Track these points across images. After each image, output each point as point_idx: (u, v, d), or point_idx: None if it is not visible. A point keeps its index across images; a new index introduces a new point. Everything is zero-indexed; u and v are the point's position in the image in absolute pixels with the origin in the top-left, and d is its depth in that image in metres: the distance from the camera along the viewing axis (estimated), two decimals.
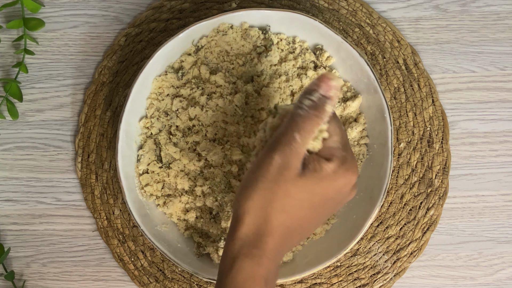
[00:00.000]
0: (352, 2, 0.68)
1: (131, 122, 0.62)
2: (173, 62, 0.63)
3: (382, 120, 0.61)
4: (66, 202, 0.67)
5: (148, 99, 0.63)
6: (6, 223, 0.67)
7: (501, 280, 0.66)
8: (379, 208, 0.59)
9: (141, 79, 0.60)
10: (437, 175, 0.66)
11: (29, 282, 0.66)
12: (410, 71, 0.67)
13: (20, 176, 0.67)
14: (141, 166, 0.62)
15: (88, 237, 0.67)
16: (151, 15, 0.68)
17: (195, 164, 0.62)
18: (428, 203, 0.66)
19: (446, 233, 0.67)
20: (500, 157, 0.67)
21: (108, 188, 0.66)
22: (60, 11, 0.69)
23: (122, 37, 0.68)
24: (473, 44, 0.68)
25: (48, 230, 0.67)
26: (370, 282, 0.65)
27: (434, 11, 0.69)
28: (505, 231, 0.67)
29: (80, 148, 0.67)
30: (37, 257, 0.67)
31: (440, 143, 0.66)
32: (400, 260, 0.65)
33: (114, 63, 0.68)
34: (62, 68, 0.68)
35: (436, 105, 0.67)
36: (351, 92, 0.64)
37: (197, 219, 0.63)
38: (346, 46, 0.61)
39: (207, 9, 0.68)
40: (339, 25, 0.68)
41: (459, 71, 0.68)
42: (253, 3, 0.68)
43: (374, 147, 0.62)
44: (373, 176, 0.61)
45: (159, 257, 0.66)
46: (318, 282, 0.65)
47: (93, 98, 0.67)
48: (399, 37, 0.68)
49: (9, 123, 0.68)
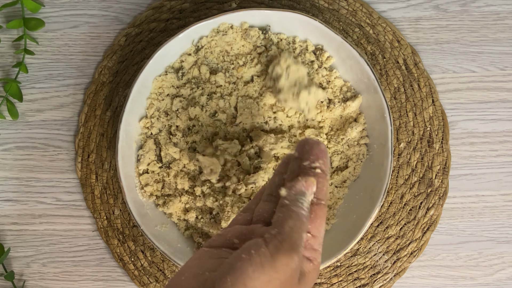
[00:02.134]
0: (352, 2, 0.68)
1: (131, 122, 0.62)
2: (173, 62, 0.63)
3: (382, 120, 0.61)
4: (66, 202, 0.67)
5: (148, 99, 0.63)
6: (6, 223, 0.67)
7: (501, 280, 0.66)
8: (379, 208, 0.59)
9: (141, 79, 0.60)
10: (437, 175, 0.66)
11: (29, 282, 0.66)
12: (410, 71, 0.67)
13: (20, 176, 0.67)
14: (141, 166, 0.62)
15: (88, 237, 0.67)
16: (151, 15, 0.68)
17: (195, 164, 0.62)
18: (428, 203, 0.66)
19: (446, 233, 0.67)
20: (500, 157, 0.67)
21: (108, 188, 0.66)
22: (60, 11, 0.69)
23: (122, 37, 0.68)
24: (473, 44, 0.68)
25: (48, 230, 0.67)
26: (370, 282, 0.65)
27: (434, 11, 0.69)
28: (505, 231, 0.67)
29: (80, 148, 0.67)
30: (37, 257, 0.67)
31: (440, 143, 0.66)
32: (400, 260, 0.65)
33: (114, 63, 0.68)
34: (62, 68, 0.68)
35: (436, 105, 0.67)
36: (351, 92, 0.64)
37: (197, 219, 0.63)
38: (346, 46, 0.61)
39: (207, 9, 0.68)
40: (339, 25, 0.68)
41: (459, 71, 0.68)
42: (253, 3, 0.68)
43: (374, 147, 0.62)
44: (373, 176, 0.61)
45: (159, 257, 0.66)
46: (318, 282, 0.65)
47: (93, 98, 0.67)
48: (399, 37, 0.68)
49: (9, 123, 0.68)
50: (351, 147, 0.63)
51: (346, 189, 0.63)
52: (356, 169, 0.63)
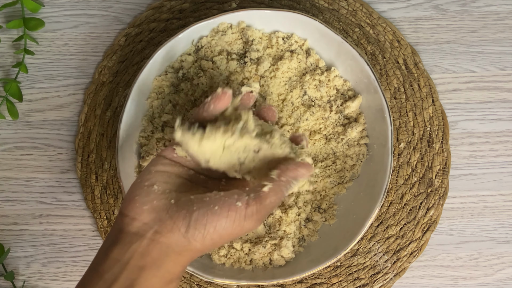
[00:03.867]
0: (352, 2, 0.68)
1: (131, 122, 0.62)
2: (173, 62, 0.63)
3: (382, 120, 0.61)
4: (66, 202, 0.67)
5: (148, 99, 0.63)
6: (6, 223, 0.67)
7: (501, 280, 0.66)
8: (379, 208, 0.59)
9: (141, 79, 0.60)
10: (437, 175, 0.66)
11: (29, 282, 0.66)
12: (410, 71, 0.67)
13: (20, 176, 0.67)
14: (144, 163, 0.62)
15: (88, 237, 0.67)
16: (151, 15, 0.68)
17: None
18: (428, 203, 0.66)
19: (446, 233, 0.67)
20: (500, 157, 0.67)
21: (108, 188, 0.66)
22: (60, 11, 0.69)
23: (122, 37, 0.68)
24: (473, 44, 0.68)
25: (48, 230, 0.67)
26: (370, 282, 0.65)
27: (434, 11, 0.69)
28: (505, 231, 0.67)
29: (80, 148, 0.67)
30: (37, 257, 0.67)
31: (440, 143, 0.66)
32: (400, 260, 0.65)
33: (114, 63, 0.68)
34: (62, 68, 0.68)
35: (436, 105, 0.67)
36: (351, 92, 0.64)
37: None
38: (346, 46, 0.61)
39: (207, 9, 0.68)
40: (339, 25, 0.68)
41: (459, 71, 0.68)
42: (253, 3, 0.68)
43: (374, 147, 0.63)
44: (373, 176, 0.61)
45: None
46: (318, 282, 0.65)
47: (93, 98, 0.67)
48: (399, 37, 0.68)
49: (9, 123, 0.68)
50: (351, 147, 0.63)
51: (346, 189, 0.63)
52: (356, 169, 0.63)
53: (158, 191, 0.47)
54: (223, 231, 0.45)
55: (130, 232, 0.45)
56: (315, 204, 0.63)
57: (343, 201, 0.63)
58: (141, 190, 0.47)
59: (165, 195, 0.46)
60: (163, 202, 0.46)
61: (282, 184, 0.47)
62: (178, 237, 0.45)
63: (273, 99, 0.63)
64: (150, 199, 0.46)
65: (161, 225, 0.45)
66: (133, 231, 0.45)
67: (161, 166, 0.49)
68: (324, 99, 0.64)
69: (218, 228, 0.44)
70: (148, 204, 0.46)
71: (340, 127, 0.63)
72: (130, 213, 0.46)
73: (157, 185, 0.47)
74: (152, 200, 0.46)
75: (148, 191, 0.47)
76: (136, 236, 0.45)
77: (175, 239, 0.45)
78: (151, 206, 0.46)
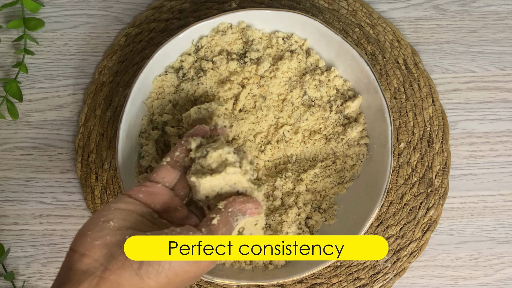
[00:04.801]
0: (352, 2, 0.68)
1: (131, 122, 0.62)
2: (173, 62, 0.63)
3: (382, 120, 0.61)
4: (66, 202, 0.67)
5: (148, 99, 0.63)
6: (6, 223, 0.67)
7: (501, 280, 0.66)
8: (379, 208, 0.59)
9: (141, 79, 0.60)
10: (437, 175, 0.66)
11: (29, 282, 0.66)
12: (410, 71, 0.67)
13: (20, 176, 0.67)
14: (144, 163, 0.62)
15: None
16: (151, 15, 0.68)
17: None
18: (428, 203, 0.66)
19: (446, 233, 0.67)
20: (500, 157, 0.67)
21: (108, 188, 0.66)
22: (60, 11, 0.69)
23: (122, 37, 0.68)
24: (473, 44, 0.68)
25: (48, 230, 0.67)
26: (370, 282, 0.65)
27: (434, 11, 0.69)
28: (505, 231, 0.67)
29: (80, 148, 0.67)
30: (37, 257, 0.67)
31: (440, 143, 0.66)
32: (400, 260, 0.65)
33: (114, 63, 0.68)
34: (62, 68, 0.68)
35: (436, 105, 0.67)
36: (351, 92, 0.64)
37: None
38: (346, 46, 0.61)
39: (207, 9, 0.68)
40: (339, 25, 0.68)
41: (459, 71, 0.68)
42: (253, 3, 0.68)
43: (374, 147, 0.62)
44: (373, 176, 0.61)
45: None
46: (318, 282, 0.65)
47: (93, 98, 0.67)
48: (399, 37, 0.68)
49: (9, 123, 0.68)
50: (351, 147, 0.63)
51: (346, 189, 0.63)
52: (356, 169, 0.63)
53: (114, 227, 0.45)
54: (179, 268, 0.43)
55: (79, 270, 0.43)
56: (315, 204, 0.63)
57: (343, 201, 0.63)
58: (95, 225, 0.45)
59: (120, 231, 0.44)
60: (117, 238, 0.44)
61: (229, 215, 0.47)
62: (130, 274, 0.42)
63: (273, 99, 0.63)
64: (103, 234, 0.44)
65: (112, 262, 0.42)
66: (83, 268, 0.43)
67: (123, 204, 0.47)
68: (324, 99, 0.64)
69: (174, 264, 0.43)
70: (100, 240, 0.44)
71: (340, 127, 0.63)
72: (80, 248, 0.43)
73: (114, 222, 0.45)
74: (105, 235, 0.44)
75: (102, 227, 0.44)
76: (86, 274, 0.42)
77: (127, 276, 0.42)
78: (103, 241, 0.44)
